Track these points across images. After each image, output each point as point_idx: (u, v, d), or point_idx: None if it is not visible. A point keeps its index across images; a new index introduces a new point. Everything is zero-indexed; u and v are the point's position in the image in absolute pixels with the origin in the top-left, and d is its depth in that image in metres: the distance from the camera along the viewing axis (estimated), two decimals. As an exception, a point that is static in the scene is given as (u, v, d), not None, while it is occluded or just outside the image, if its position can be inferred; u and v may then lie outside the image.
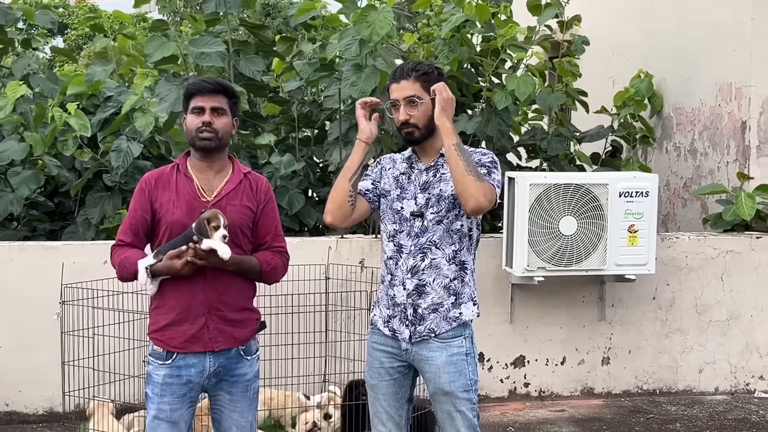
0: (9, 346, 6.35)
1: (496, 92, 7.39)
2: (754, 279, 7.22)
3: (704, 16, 8.11)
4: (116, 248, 3.88)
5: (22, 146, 6.91)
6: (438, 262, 3.89)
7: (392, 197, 3.98)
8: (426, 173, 3.96)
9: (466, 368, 3.90)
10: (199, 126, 3.82)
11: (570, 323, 7.03)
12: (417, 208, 3.91)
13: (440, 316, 3.88)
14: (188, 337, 3.81)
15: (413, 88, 3.88)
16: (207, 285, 3.81)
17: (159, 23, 7.63)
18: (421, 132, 3.92)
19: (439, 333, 3.88)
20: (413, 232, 3.91)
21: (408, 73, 3.90)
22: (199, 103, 3.85)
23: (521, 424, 6.47)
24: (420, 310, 3.88)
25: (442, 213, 3.89)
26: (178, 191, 3.85)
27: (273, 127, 8.06)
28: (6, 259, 6.38)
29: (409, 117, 3.89)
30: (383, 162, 4.10)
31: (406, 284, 3.90)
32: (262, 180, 4.02)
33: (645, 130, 8.40)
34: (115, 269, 3.89)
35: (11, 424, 6.35)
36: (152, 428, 3.85)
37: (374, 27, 6.73)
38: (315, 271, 6.31)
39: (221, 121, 3.85)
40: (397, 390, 4.00)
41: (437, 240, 3.89)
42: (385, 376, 3.98)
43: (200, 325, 3.81)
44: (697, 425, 6.48)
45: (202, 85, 3.88)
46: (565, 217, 6.55)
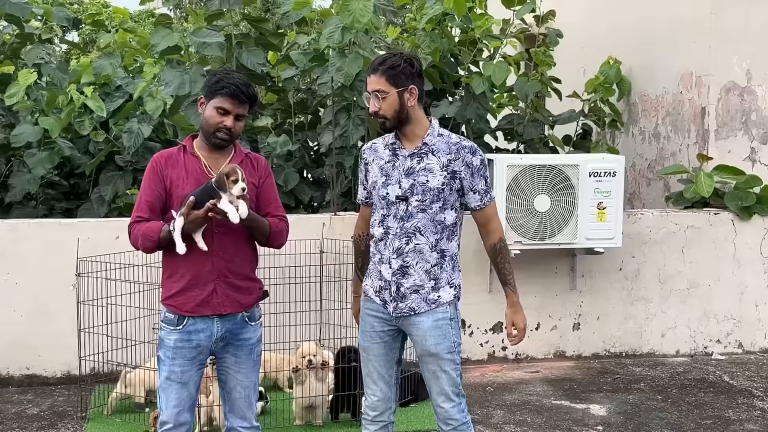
0: (29, 314, 6.34)
1: (475, 78, 7.42)
2: (712, 252, 7.24)
3: (668, 11, 8.09)
4: (134, 225, 3.81)
5: (37, 129, 6.91)
6: (421, 247, 3.85)
7: (379, 185, 3.91)
8: (410, 159, 3.88)
9: (450, 332, 3.89)
10: (220, 126, 3.78)
11: (544, 292, 7.04)
12: (402, 192, 3.85)
13: (420, 297, 3.86)
14: (199, 302, 3.80)
15: (379, 83, 3.81)
16: (215, 254, 3.79)
17: (164, 17, 7.62)
18: (391, 122, 3.86)
19: (419, 312, 3.87)
20: (399, 215, 3.86)
21: (375, 69, 3.83)
22: (226, 106, 3.77)
23: (499, 384, 6.48)
24: (402, 289, 3.86)
25: (426, 203, 3.84)
26: (187, 169, 3.82)
27: (271, 113, 8.05)
28: (26, 235, 6.36)
29: (377, 108, 3.82)
30: (366, 157, 4.03)
31: (392, 263, 3.88)
32: (261, 158, 4.03)
33: (613, 114, 8.40)
34: (137, 243, 3.82)
35: (32, 386, 6.35)
36: (164, 388, 3.85)
37: (355, 15, 6.76)
38: (310, 246, 6.30)
39: (239, 125, 3.84)
40: (387, 352, 3.99)
41: (421, 227, 3.85)
42: (377, 339, 3.97)
43: (209, 290, 3.81)
44: (659, 384, 6.51)
45: (236, 92, 3.76)
46: (540, 196, 6.56)
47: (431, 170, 3.84)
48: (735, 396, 6.24)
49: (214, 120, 3.79)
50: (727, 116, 7.52)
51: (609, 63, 8.38)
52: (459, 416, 3.92)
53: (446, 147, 3.87)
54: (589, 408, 5.99)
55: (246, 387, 3.97)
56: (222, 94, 3.77)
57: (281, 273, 6.04)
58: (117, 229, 6.33)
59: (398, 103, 3.82)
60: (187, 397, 3.86)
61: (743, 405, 6.05)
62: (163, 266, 3.91)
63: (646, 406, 6.01)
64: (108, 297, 5.83)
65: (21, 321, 6.34)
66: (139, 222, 3.81)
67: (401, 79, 3.81)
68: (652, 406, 6.03)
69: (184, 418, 3.86)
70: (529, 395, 6.25)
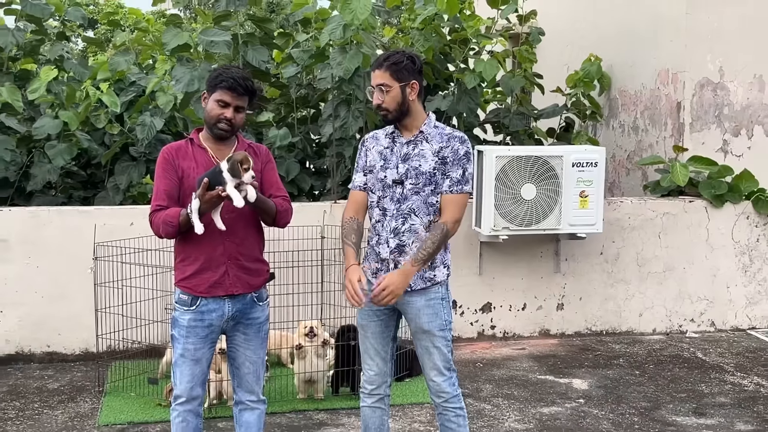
0: (50, 296, 6.35)
1: (466, 74, 7.42)
2: (686, 237, 7.27)
3: (646, 11, 8.09)
4: (155, 213, 3.79)
5: (57, 122, 6.90)
6: (416, 227, 3.86)
7: (377, 169, 3.92)
8: (407, 146, 3.90)
9: (441, 311, 3.91)
10: (221, 117, 3.79)
11: (530, 275, 7.07)
12: (398, 176, 3.87)
13: (417, 275, 3.84)
14: (212, 283, 3.81)
15: (383, 77, 3.84)
16: (226, 238, 3.80)
17: (174, 17, 7.61)
18: (393, 114, 3.88)
19: (415, 288, 3.87)
20: (395, 198, 3.88)
21: (380, 64, 3.86)
22: (226, 98, 3.78)
23: (488, 360, 6.52)
24: (400, 266, 3.83)
25: (420, 186, 3.85)
26: (197, 160, 3.84)
27: (275, 107, 8.06)
28: (46, 222, 6.37)
29: (381, 101, 3.86)
30: (367, 143, 4.04)
31: (390, 242, 3.88)
32: (262, 146, 4.05)
33: (593, 107, 8.40)
34: (159, 230, 3.79)
35: (52, 363, 6.37)
36: (178, 365, 3.87)
37: (355, 12, 6.80)
38: (312, 231, 6.32)
39: (239, 117, 3.84)
40: (383, 329, 4.01)
41: (416, 208, 3.86)
42: (374, 317, 3.99)
43: (222, 272, 3.82)
44: (637, 360, 6.54)
45: (234, 85, 3.78)
46: (526, 185, 6.57)
47: (424, 156, 3.87)
48: (707, 371, 6.27)
49: (215, 112, 3.81)
50: (701, 110, 7.53)
51: (590, 60, 8.38)
52: (450, 389, 3.95)
53: (439, 136, 3.90)
54: (571, 382, 6.02)
55: (254, 363, 3.99)
56: (221, 87, 3.78)
57: (285, 257, 6.05)
58: (131, 215, 6.36)
59: (401, 97, 3.85)
60: (199, 373, 3.87)
61: (715, 379, 6.09)
62: (175, 251, 3.92)
63: (625, 381, 6.05)
64: (123, 279, 5.84)
65: (42, 302, 6.35)
66: (159, 210, 3.79)
67: (404, 74, 3.85)
68: (630, 380, 6.07)
69: (196, 392, 3.89)
70: (516, 370, 6.28)
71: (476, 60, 7.56)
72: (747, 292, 7.39)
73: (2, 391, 5.78)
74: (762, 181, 7.37)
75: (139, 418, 5.25)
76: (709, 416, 5.36)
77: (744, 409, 5.50)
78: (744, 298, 7.38)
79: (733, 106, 7.56)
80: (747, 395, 5.75)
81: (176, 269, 3.90)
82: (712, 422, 5.26)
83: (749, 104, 7.57)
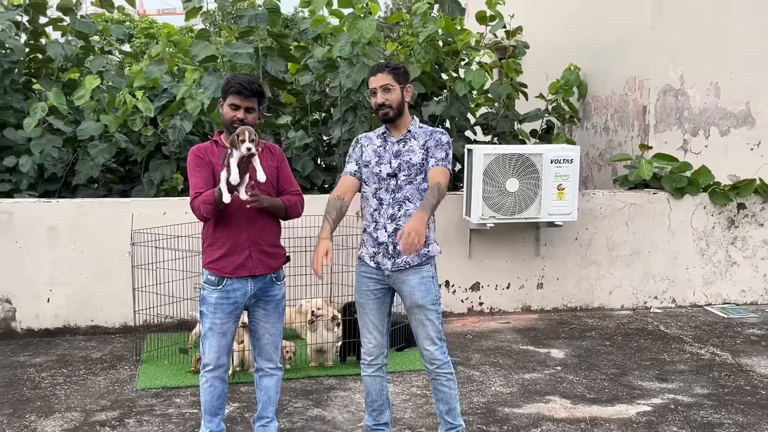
0: (93, 277, 6.37)
1: (457, 83, 7.41)
2: (651, 224, 7.27)
3: (616, 26, 8.07)
4: (194, 200, 3.78)
5: (98, 125, 6.91)
6: (410, 212, 3.89)
7: (373, 164, 3.97)
8: (398, 144, 3.96)
9: (432, 287, 3.96)
10: (234, 119, 3.80)
11: (513, 258, 7.07)
12: (392, 170, 3.93)
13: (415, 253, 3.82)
14: (237, 265, 3.83)
15: (387, 79, 3.92)
16: (249, 225, 3.83)
17: (203, 31, 7.58)
18: (394, 111, 3.94)
19: (413, 265, 3.92)
20: (390, 189, 3.93)
21: (383, 68, 3.95)
22: (236, 101, 3.80)
23: (477, 333, 6.53)
24: (398, 247, 3.85)
25: (412, 176, 3.91)
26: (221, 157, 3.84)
27: (291, 111, 8.05)
28: (89, 212, 6.37)
29: (385, 100, 3.91)
30: (361, 141, 4.06)
31: (387, 227, 3.91)
32: (276, 147, 4.06)
33: (571, 111, 8.39)
34: (200, 211, 3.77)
35: (95, 335, 6.39)
36: (207, 337, 3.88)
37: (362, 32, 6.86)
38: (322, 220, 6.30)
39: (251, 117, 3.84)
40: (379, 306, 4.02)
41: (409, 196, 3.91)
42: (371, 296, 4.00)
43: (245, 256, 3.84)
44: (607, 333, 6.55)
45: (241, 89, 3.79)
46: (510, 179, 6.57)
47: (413, 150, 3.94)
48: (669, 342, 6.28)
49: (229, 115, 3.82)
50: (664, 113, 7.52)
51: (570, 69, 8.36)
52: (441, 357, 3.99)
53: (424, 133, 3.98)
54: (550, 352, 6.03)
55: (273, 335, 4.01)
56: (231, 92, 3.81)
57: (298, 243, 6.06)
58: (164, 206, 6.36)
59: (400, 97, 3.94)
60: (225, 344, 3.89)
61: (675, 349, 6.09)
62: (203, 237, 3.92)
63: (596, 350, 6.06)
64: (157, 262, 5.85)
65: (86, 282, 6.37)
66: (199, 195, 3.78)
67: (402, 78, 3.96)
68: (601, 350, 6.08)
69: (222, 361, 3.90)
70: (501, 342, 6.29)
71: (466, 70, 7.56)
72: (704, 273, 7.39)
73: (52, 360, 5.80)
74: (717, 175, 7.37)
75: (172, 383, 5.27)
76: (670, 381, 5.37)
77: (701, 375, 5.50)
78: (701, 278, 7.38)
79: (692, 109, 7.54)
80: (703, 363, 5.76)
81: (204, 253, 3.91)
82: (672, 386, 5.26)
83: (706, 108, 7.55)
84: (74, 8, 7.55)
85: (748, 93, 7.56)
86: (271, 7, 7.45)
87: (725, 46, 7.47)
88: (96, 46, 7.95)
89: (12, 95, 7.36)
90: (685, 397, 5.08)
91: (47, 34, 7.82)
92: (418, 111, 7.60)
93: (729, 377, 5.46)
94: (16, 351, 6.02)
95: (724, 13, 7.45)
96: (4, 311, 6.30)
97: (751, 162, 7.56)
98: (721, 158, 7.52)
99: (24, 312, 6.32)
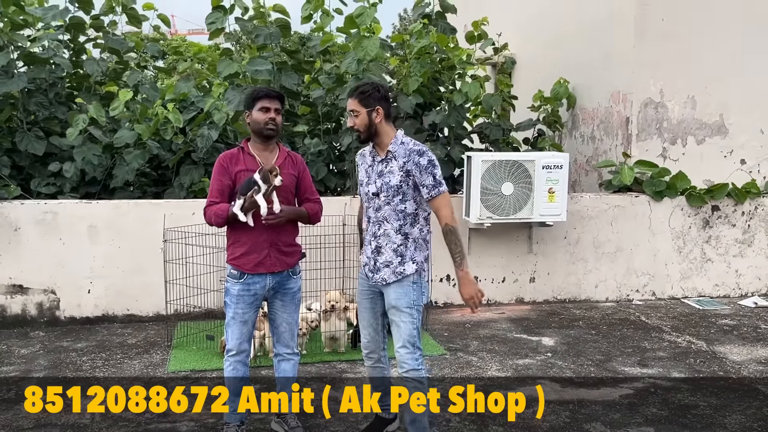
0: (129, 270, 6.39)
1: (455, 94, 7.40)
2: (633, 224, 7.25)
3: (603, 45, 8.05)
4: (208, 207, 3.81)
5: (132, 134, 6.92)
6: (389, 232, 3.71)
7: (363, 183, 3.82)
8: (381, 164, 3.74)
9: (411, 292, 3.70)
10: (267, 121, 3.81)
11: (508, 254, 7.06)
12: (376, 189, 3.73)
13: (390, 270, 3.70)
14: (257, 262, 3.83)
15: (353, 104, 3.70)
16: (269, 227, 3.83)
17: (227, 51, 7.60)
18: (363, 135, 3.73)
19: (389, 282, 3.72)
20: (374, 207, 3.77)
21: (351, 93, 3.74)
22: (266, 104, 3.82)
23: (475, 323, 6.52)
24: (377, 264, 3.75)
25: (389, 197, 3.68)
26: (246, 165, 3.84)
27: (305, 121, 8.05)
28: (126, 212, 6.40)
29: (353, 124, 3.72)
30: (357, 159, 3.92)
31: (371, 244, 3.78)
32: (298, 156, 4.05)
33: (556, 119, 8.38)
34: (210, 219, 3.81)
35: (131, 323, 6.41)
36: (230, 325, 3.88)
37: (366, 50, 6.88)
38: (335, 220, 6.33)
39: (279, 118, 3.86)
40: (372, 306, 3.88)
41: (387, 216, 3.71)
42: (365, 296, 3.89)
43: (264, 254, 3.84)
44: (593, 322, 6.54)
45: (269, 91, 3.85)
46: (506, 183, 6.57)
47: (392, 171, 3.69)
48: (649, 331, 6.27)
49: (261, 118, 3.82)
50: (645, 124, 7.50)
51: (560, 82, 8.35)
52: (411, 362, 3.67)
53: (403, 152, 3.67)
54: (541, 340, 6.02)
55: (290, 323, 4.01)
56: (260, 97, 3.84)
57: (314, 240, 6.08)
58: (193, 207, 6.38)
59: (368, 120, 3.70)
60: (246, 332, 3.89)
61: (655, 338, 6.08)
62: (227, 236, 3.93)
63: (584, 339, 6.05)
64: (186, 257, 5.88)
65: (123, 275, 6.39)
66: (211, 205, 3.82)
67: (370, 101, 3.69)
68: (587, 338, 6.06)
69: (244, 347, 3.91)
70: (497, 330, 6.29)
71: (462, 82, 7.56)
72: (681, 269, 7.36)
73: (92, 345, 5.83)
74: (694, 180, 7.36)
75: (200, 367, 5.28)
76: (651, 367, 5.35)
77: (678, 361, 5.48)
78: (679, 273, 7.36)
79: (671, 120, 7.51)
80: (681, 350, 5.74)
81: (228, 250, 3.91)
82: (653, 372, 5.25)
83: (683, 119, 7.53)
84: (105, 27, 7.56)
85: (721, 106, 7.54)
86: (282, 24, 7.46)
87: (701, 63, 7.45)
88: (131, 62, 7.96)
89: (57, 107, 7.39)
90: (664, 381, 5.06)
91: (88, 52, 7.84)
92: (418, 120, 7.60)
93: (704, 363, 5.44)
94: (60, 337, 6.04)
95: (700, 34, 7.43)
96: (49, 301, 6.33)
97: (725, 168, 7.54)
98: (697, 164, 7.50)
99: (67, 302, 6.35)
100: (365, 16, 7.08)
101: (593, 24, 8.29)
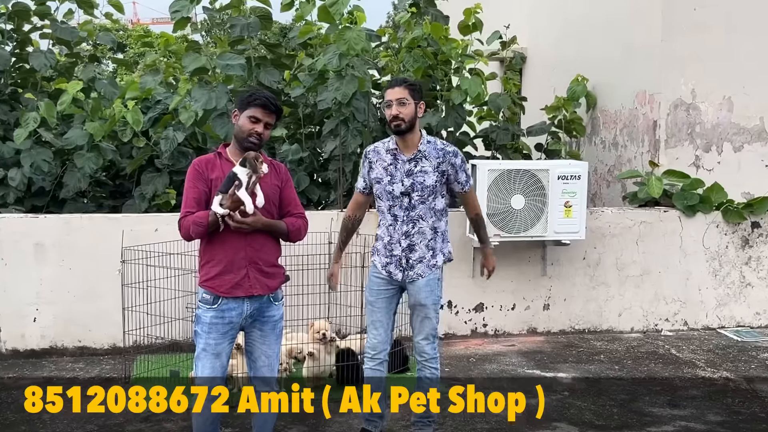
0: (81, 295, 6.37)
1: (453, 92, 7.44)
2: (661, 243, 7.29)
3: (626, 39, 8.13)
4: (184, 218, 3.82)
5: (84, 133, 6.91)
6: (423, 229, 4.41)
7: (385, 182, 4.41)
8: (409, 163, 4.37)
9: (437, 289, 4.47)
10: (251, 132, 3.85)
11: (519, 277, 7.08)
12: (404, 188, 4.36)
13: (424, 264, 4.42)
14: (233, 284, 3.83)
15: (403, 93, 4.32)
16: (247, 244, 3.84)
17: (193, 43, 7.62)
18: (406, 125, 4.32)
19: (424, 276, 4.42)
20: (404, 206, 4.39)
21: (400, 83, 4.37)
22: (258, 115, 3.85)
23: (481, 356, 6.53)
24: (411, 261, 4.41)
25: (425, 197, 4.37)
26: (224, 171, 3.85)
27: (284, 124, 8.07)
28: (78, 227, 6.39)
29: (399, 112, 4.29)
30: (370, 156, 4.51)
31: (402, 243, 4.41)
32: (282, 165, 4.09)
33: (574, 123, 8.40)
34: (188, 230, 3.80)
35: (83, 356, 6.39)
36: (200, 358, 3.87)
37: (350, 43, 6.82)
38: (321, 237, 6.33)
39: (267, 133, 3.91)
40: (388, 304, 4.51)
41: (422, 215, 4.39)
42: (381, 295, 4.50)
43: (242, 275, 3.84)
44: (616, 357, 6.55)
45: (266, 103, 3.86)
46: (516, 195, 6.60)
47: (426, 172, 4.36)
48: (681, 366, 6.29)
49: (247, 127, 3.86)
50: (675, 128, 7.56)
51: (577, 80, 8.42)
52: (431, 351, 4.49)
53: (435, 152, 4.40)
54: (556, 376, 6.03)
55: (269, 356, 4.00)
56: (254, 105, 3.86)
57: (297, 261, 6.07)
58: (156, 222, 6.38)
59: (413, 112, 4.34)
60: (219, 366, 3.88)
61: (688, 374, 6.09)
62: (200, 254, 3.93)
63: (605, 375, 6.05)
64: (148, 281, 5.86)
65: (74, 300, 6.37)
66: (188, 215, 3.81)
67: (417, 95, 4.37)
68: (610, 374, 6.07)
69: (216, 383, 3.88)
70: (506, 365, 6.29)
71: (461, 78, 7.58)
72: (717, 295, 7.40)
73: (39, 382, 5.79)
74: (731, 192, 7.40)
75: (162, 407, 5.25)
76: (683, 408, 5.37)
77: (714, 401, 5.51)
78: (714, 299, 7.40)
79: (704, 124, 7.58)
80: (717, 388, 5.77)
81: (200, 271, 3.91)
82: (685, 413, 5.27)
83: (719, 123, 7.60)
84: (52, 14, 7.55)
85: (762, 107, 7.61)
86: (262, 14, 7.46)
87: (738, 59, 7.53)
88: (85, 55, 7.97)
89: (-3, 106, 7.38)
90: (698, 424, 5.08)
91: (34, 43, 7.83)
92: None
93: (743, 404, 5.46)
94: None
95: (735, 25, 7.52)
96: (-13, 331, 6.30)
97: (766, 179, 7.60)
98: (735, 175, 7.56)
99: (9, 332, 6.32)
100: (339, 4, 6.90)
101: (615, 15, 8.38)
